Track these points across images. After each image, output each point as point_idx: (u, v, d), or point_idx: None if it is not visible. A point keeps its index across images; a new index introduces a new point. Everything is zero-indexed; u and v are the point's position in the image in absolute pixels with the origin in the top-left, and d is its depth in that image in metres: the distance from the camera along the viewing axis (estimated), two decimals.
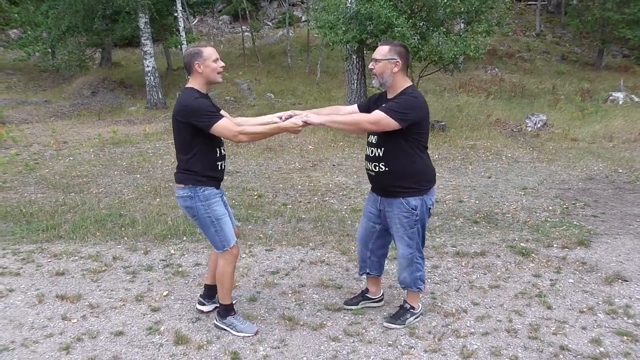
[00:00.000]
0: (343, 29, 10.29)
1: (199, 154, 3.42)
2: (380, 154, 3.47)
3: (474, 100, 15.33)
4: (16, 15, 20.02)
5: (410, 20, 10.14)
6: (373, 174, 3.56)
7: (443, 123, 11.58)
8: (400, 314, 3.79)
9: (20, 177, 8.22)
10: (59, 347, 3.49)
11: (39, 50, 18.85)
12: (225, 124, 3.32)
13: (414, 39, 9.95)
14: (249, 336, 3.60)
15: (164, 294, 4.28)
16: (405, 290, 3.86)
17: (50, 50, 19.26)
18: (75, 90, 18.68)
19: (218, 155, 3.52)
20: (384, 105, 3.40)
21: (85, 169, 8.70)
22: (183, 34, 17.92)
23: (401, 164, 3.44)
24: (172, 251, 5.21)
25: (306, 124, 3.41)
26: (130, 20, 17.67)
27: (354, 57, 11.55)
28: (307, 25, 23.46)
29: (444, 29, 10.44)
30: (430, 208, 3.60)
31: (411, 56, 10.55)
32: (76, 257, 5.06)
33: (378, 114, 3.31)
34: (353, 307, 4.00)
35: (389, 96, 3.48)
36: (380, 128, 3.34)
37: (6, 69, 21.40)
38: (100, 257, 5.04)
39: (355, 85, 11.75)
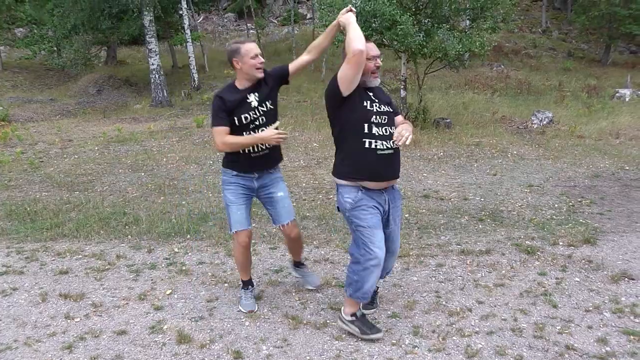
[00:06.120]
0: None
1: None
2: (392, 132, 3.32)
3: (479, 98, 15.26)
4: (22, 14, 20.14)
5: (415, 18, 10.09)
6: (392, 151, 3.35)
7: (448, 120, 11.54)
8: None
9: (25, 175, 8.24)
10: (61, 346, 3.49)
11: (45, 49, 18.98)
12: (219, 132, 3.54)
13: (419, 35, 9.89)
14: (245, 312, 3.90)
15: (168, 292, 4.27)
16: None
17: (56, 48, 19.37)
18: (81, 89, 18.74)
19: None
20: None
21: (89, 167, 8.71)
22: (188, 31, 17.95)
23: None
24: (176, 249, 5.20)
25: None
26: (135, 18, 17.70)
27: None
28: (312, 22, 23.40)
29: (449, 26, 10.37)
30: None
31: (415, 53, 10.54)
32: (80, 256, 5.06)
33: None
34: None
35: None
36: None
37: (12, 68, 21.47)
38: (103, 256, 5.04)
39: None
